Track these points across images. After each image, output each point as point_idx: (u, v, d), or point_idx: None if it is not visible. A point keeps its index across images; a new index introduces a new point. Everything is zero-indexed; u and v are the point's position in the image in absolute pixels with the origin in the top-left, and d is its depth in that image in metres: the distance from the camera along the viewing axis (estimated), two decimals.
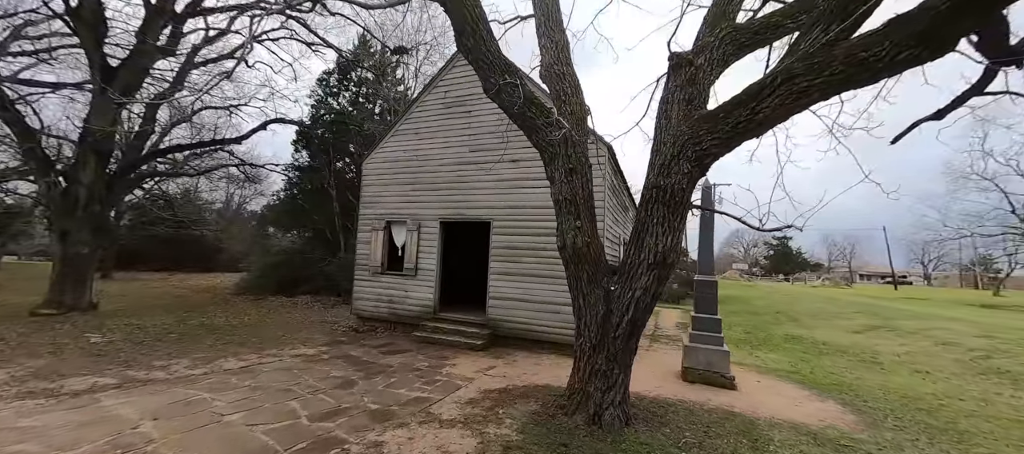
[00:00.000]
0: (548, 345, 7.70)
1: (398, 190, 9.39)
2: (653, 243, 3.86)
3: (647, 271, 3.94)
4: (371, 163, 9.86)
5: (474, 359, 6.97)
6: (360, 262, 9.64)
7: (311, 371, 5.81)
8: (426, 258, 8.91)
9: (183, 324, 9.24)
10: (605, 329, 4.24)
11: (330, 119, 17.72)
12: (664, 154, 3.81)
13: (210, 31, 12.28)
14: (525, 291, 7.90)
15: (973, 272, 61.43)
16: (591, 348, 4.32)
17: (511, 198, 8.23)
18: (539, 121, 4.27)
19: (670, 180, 3.72)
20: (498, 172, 8.39)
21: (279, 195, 21.49)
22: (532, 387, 5.52)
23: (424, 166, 9.17)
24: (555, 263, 7.55)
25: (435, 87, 9.29)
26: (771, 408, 5.32)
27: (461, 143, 8.85)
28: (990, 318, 15.96)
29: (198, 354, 6.59)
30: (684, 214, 3.86)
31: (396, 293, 9.11)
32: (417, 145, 9.31)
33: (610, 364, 4.25)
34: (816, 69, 2.81)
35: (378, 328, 9.23)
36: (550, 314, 7.64)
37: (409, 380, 5.61)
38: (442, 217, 8.86)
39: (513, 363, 6.84)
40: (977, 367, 8.30)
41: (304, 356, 6.74)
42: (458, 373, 6.08)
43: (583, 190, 4.27)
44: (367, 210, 9.72)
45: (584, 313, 4.35)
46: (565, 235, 4.26)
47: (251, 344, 7.52)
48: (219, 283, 20.52)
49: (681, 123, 3.79)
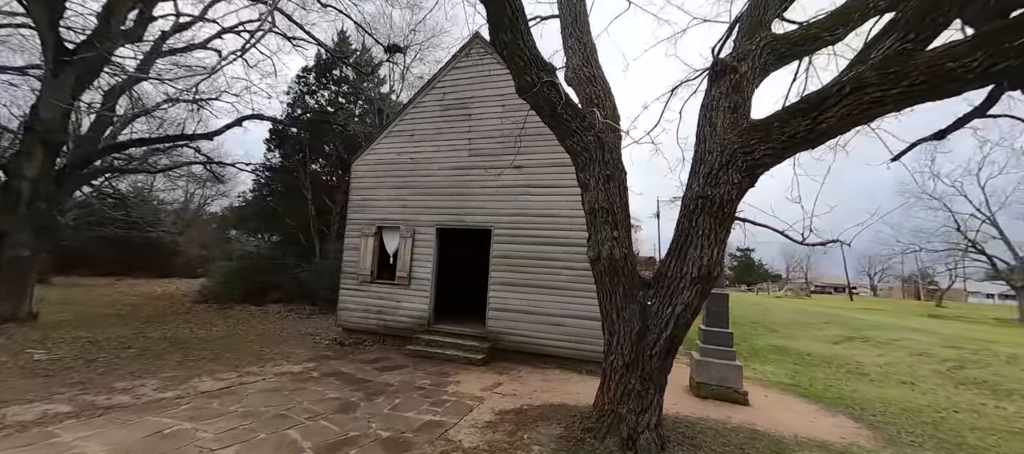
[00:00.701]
0: (552, 359, 7.39)
1: (391, 194, 8.88)
2: (698, 256, 3.66)
3: (690, 285, 3.73)
4: (361, 165, 9.30)
5: (478, 375, 6.56)
6: (347, 270, 9.02)
7: (303, 392, 5.23)
8: (421, 266, 8.43)
9: (142, 337, 8.29)
10: (640, 347, 3.99)
11: (308, 118, 16.82)
12: (710, 163, 3.64)
13: (181, 17, 11.35)
14: (528, 303, 7.58)
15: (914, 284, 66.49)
16: (624, 367, 4.06)
17: (514, 205, 7.92)
18: (573, 123, 4.01)
19: (718, 190, 3.54)
20: (500, 178, 8.08)
21: (246, 196, 20.21)
22: (548, 407, 5.19)
23: (420, 170, 8.72)
24: (560, 274, 7.31)
25: (433, 88, 8.90)
26: (789, 425, 5.23)
27: (460, 147, 8.47)
28: (946, 328, 17.03)
29: (167, 373, 5.84)
30: (730, 226, 3.69)
31: (387, 303, 8.56)
32: (413, 148, 8.86)
33: (645, 384, 4.00)
34: (893, 79, 2.70)
35: (366, 341, 8.63)
36: (554, 327, 7.35)
37: (415, 401, 5.15)
38: (439, 223, 8.43)
39: (519, 379, 6.49)
40: (955, 378, 8.67)
41: (290, 374, 6.11)
42: (465, 392, 5.66)
43: (620, 198, 4.04)
44: (356, 214, 9.14)
45: (617, 329, 4.08)
46: (600, 246, 4.00)
47: (226, 360, 6.78)
48: (176, 290, 18.94)
49: (728, 132, 3.63)
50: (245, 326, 10.39)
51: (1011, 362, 9.54)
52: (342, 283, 9.01)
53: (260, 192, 19.41)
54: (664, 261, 3.93)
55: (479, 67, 8.54)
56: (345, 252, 9.15)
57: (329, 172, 19.67)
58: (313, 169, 18.64)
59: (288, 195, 18.05)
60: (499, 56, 4.05)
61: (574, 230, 7.46)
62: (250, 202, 19.79)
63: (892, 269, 68.51)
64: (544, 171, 7.76)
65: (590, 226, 4.13)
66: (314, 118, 16.54)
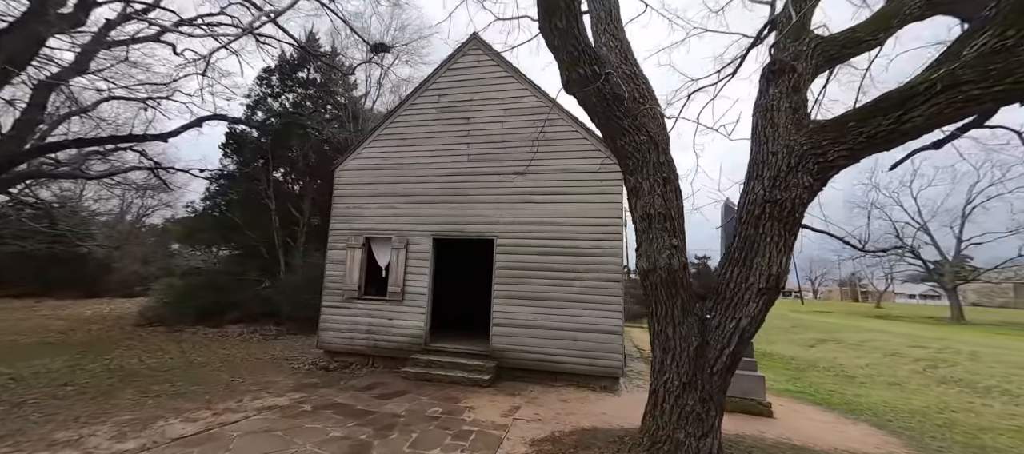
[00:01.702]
0: (563, 377, 6.97)
1: (381, 202, 8.18)
2: (766, 264, 3.41)
3: (756, 297, 3.46)
4: (346, 170, 8.53)
5: (489, 398, 6.01)
6: (330, 285, 8.17)
7: (300, 432, 4.47)
8: (415, 280, 7.77)
9: (81, 370, 7.02)
10: (698, 365, 3.67)
11: (280, 121, 15.59)
12: (775, 166, 3.41)
13: (131, 4, 10.10)
14: (536, 317, 7.13)
15: (851, 286, 72.46)
16: (681, 387, 3.72)
17: (518, 213, 7.49)
18: (626, 122, 3.68)
19: (788, 194, 3.32)
20: (502, 185, 7.64)
21: (194, 207, 18.33)
22: (582, 432, 4.75)
23: (414, 176, 8.10)
24: (571, 285, 6.96)
25: (427, 89, 8.35)
26: (822, 437, 5.10)
27: (458, 152, 7.96)
28: (898, 327, 18.30)
29: (122, 415, 4.84)
30: (797, 232, 3.48)
31: (378, 322, 7.79)
32: (405, 152, 8.23)
33: (706, 405, 3.67)
34: (994, 76, 2.58)
35: (353, 364, 7.80)
36: (566, 342, 6.94)
37: (434, 435, 4.53)
38: (435, 233, 7.83)
39: (536, 401, 6.00)
40: (933, 376, 9.11)
41: (277, 409, 5.27)
42: (484, 419, 5.11)
43: (677, 202, 3.73)
44: (341, 224, 8.33)
45: (673, 346, 3.74)
46: (657, 256, 3.66)
47: (193, 395, 5.80)
48: (110, 311, 16.78)
49: (793, 133, 3.43)
50: (204, 352, 9.17)
51: (974, 359, 10.21)
52: (325, 300, 8.14)
53: (214, 201, 17.74)
54: (723, 271, 3.65)
55: (478, 69, 8.12)
56: (328, 266, 8.30)
57: (294, 180, 18.36)
58: (275, 177, 17.31)
59: (247, 205, 16.60)
60: (548, 46, 3.66)
61: (583, 239, 7.15)
62: (201, 213, 18.01)
63: (830, 273, 74.96)
64: (550, 178, 7.41)
65: (642, 234, 3.78)
66: (286, 121, 15.29)
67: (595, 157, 7.24)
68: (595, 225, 7.14)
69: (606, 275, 6.98)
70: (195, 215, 18.26)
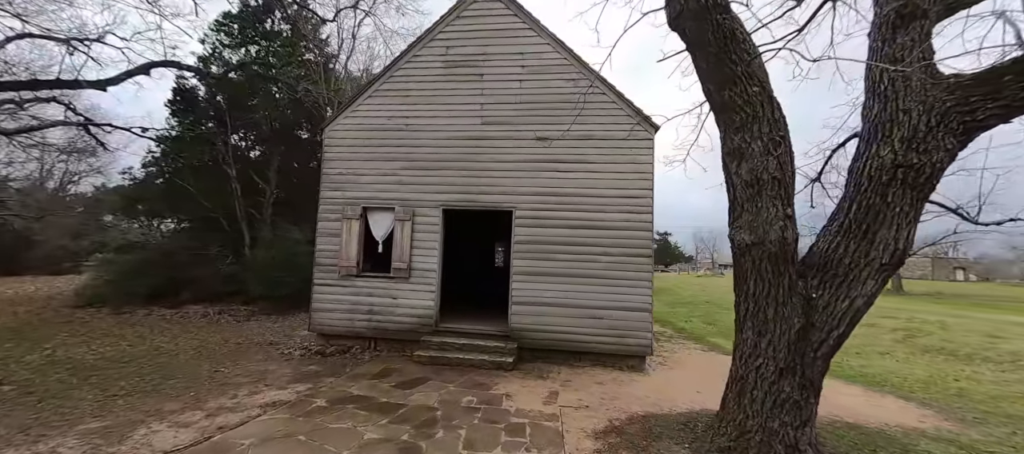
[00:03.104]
0: (588, 357, 6.57)
1: (381, 168, 7.23)
2: (892, 236, 3.04)
3: (877, 273, 3.10)
4: (337, 130, 7.45)
5: (520, 383, 5.50)
6: (323, 261, 7.22)
7: (327, 434, 3.74)
8: (424, 256, 7.00)
9: (15, 363, 5.78)
10: (800, 347, 3.30)
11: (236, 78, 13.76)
12: (909, 126, 3.00)
13: None
14: (559, 295, 6.63)
15: None
16: (777, 372, 3.35)
17: (540, 182, 6.85)
18: (739, 68, 3.12)
19: (928, 157, 2.93)
20: (520, 151, 6.94)
21: (132, 173, 16.08)
22: (641, 420, 4.35)
23: (419, 139, 7.19)
24: (597, 261, 6.50)
25: (432, 40, 7.35)
26: (864, 411, 5.05)
27: (471, 113, 7.12)
28: None
29: (87, 423, 3.88)
30: (926, 201, 3.12)
31: (380, 301, 6.99)
32: (408, 112, 7.27)
33: (805, 392, 3.34)
34: None
35: (354, 348, 7.00)
36: (592, 320, 6.51)
37: (484, 431, 3.95)
38: (445, 203, 7.04)
39: (570, 384, 5.56)
40: (915, 346, 9.62)
41: (283, 405, 4.48)
42: (528, 408, 4.59)
43: (792, 166, 3.26)
44: (333, 192, 7.32)
45: (771, 328, 3.35)
46: (766, 227, 3.19)
47: (172, 391, 4.85)
48: (37, 291, 14.65)
49: (931, 87, 3.02)
50: (169, 337, 7.98)
51: (944, 328, 10.94)
52: (317, 278, 7.20)
53: (159, 167, 15.67)
54: (833, 244, 3.26)
55: (492, 18, 7.21)
56: (319, 239, 7.32)
57: (256, 145, 16.56)
58: (234, 141, 15.49)
59: (201, 172, 14.80)
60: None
61: (611, 211, 6.66)
62: (143, 180, 15.87)
63: None
64: (574, 145, 6.79)
65: (747, 202, 3.29)
66: (251, 74, 13.46)
67: (624, 123, 6.69)
68: (624, 196, 6.66)
69: (635, 249, 6.57)
70: (135, 183, 16.05)
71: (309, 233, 11.13)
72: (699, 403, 5.02)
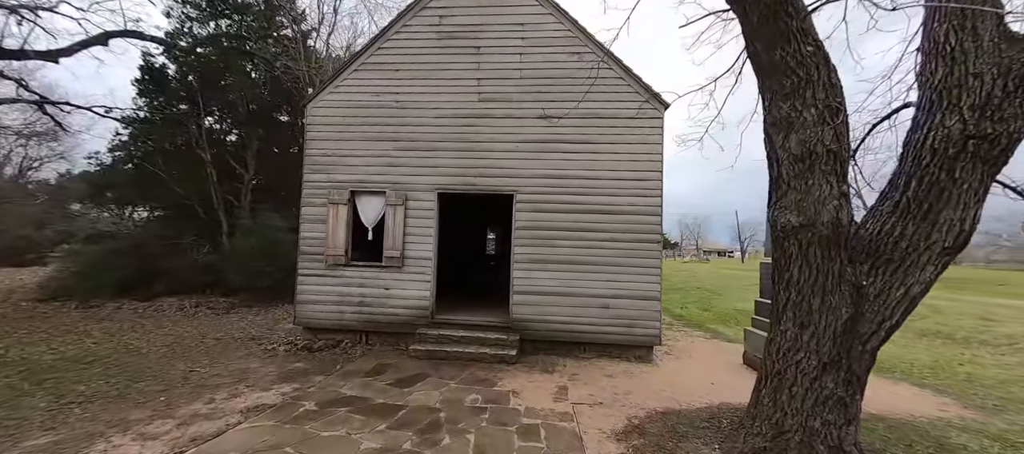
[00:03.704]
0: (594, 348, 6.26)
1: (370, 148, 6.68)
2: (958, 217, 2.72)
3: (938, 257, 2.80)
4: (320, 107, 6.85)
5: (526, 378, 5.14)
6: (308, 249, 6.68)
7: (318, 445, 3.30)
8: (418, 243, 6.53)
9: None
10: (846, 340, 3.00)
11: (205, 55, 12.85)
12: (980, 91, 2.66)
13: None
14: (564, 283, 6.26)
15: None
16: (820, 367, 3.05)
17: (542, 164, 6.42)
18: (794, 23, 2.71)
19: (1004, 127, 2.59)
20: (521, 130, 6.49)
21: (99, 158, 14.97)
22: (661, 417, 4.04)
23: (411, 116, 6.65)
24: (603, 247, 6.15)
25: (423, 9, 6.75)
26: (884, 401, 4.87)
27: (468, 89, 6.60)
28: None
29: (35, 437, 3.36)
30: (995, 177, 2.80)
31: (371, 292, 6.52)
32: (399, 87, 6.71)
33: (850, 388, 3.05)
34: None
35: (343, 342, 6.53)
36: (598, 310, 6.18)
37: (496, 435, 3.57)
38: (441, 187, 6.55)
39: (579, 379, 5.23)
40: (911, 329, 9.60)
41: (267, 409, 4.01)
42: (538, 406, 4.23)
43: (848, 139, 2.89)
44: (318, 175, 6.74)
45: (815, 319, 3.03)
46: (819, 208, 2.84)
47: (139, 395, 4.33)
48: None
49: (1006, 48, 2.67)
50: (140, 333, 7.38)
51: (937, 312, 11.01)
52: (302, 268, 6.66)
53: (128, 152, 14.68)
54: (886, 226, 2.93)
55: None
56: (303, 226, 6.76)
57: (232, 129, 15.62)
58: (209, 124, 14.57)
59: (174, 156, 13.92)
60: None
61: (618, 195, 6.28)
62: (111, 166, 14.83)
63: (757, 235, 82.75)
64: (579, 124, 6.36)
65: (794, 179, 2.93)
66: (225, 49, 12.55)
67: (631, 101, 6.28)
68: (631, 178, 6.28)
69: (644, 234, 6.22)
70: (102, 168, 14.99)
71: (292, 220, 10.51)
72: (716, 396, 4.76)
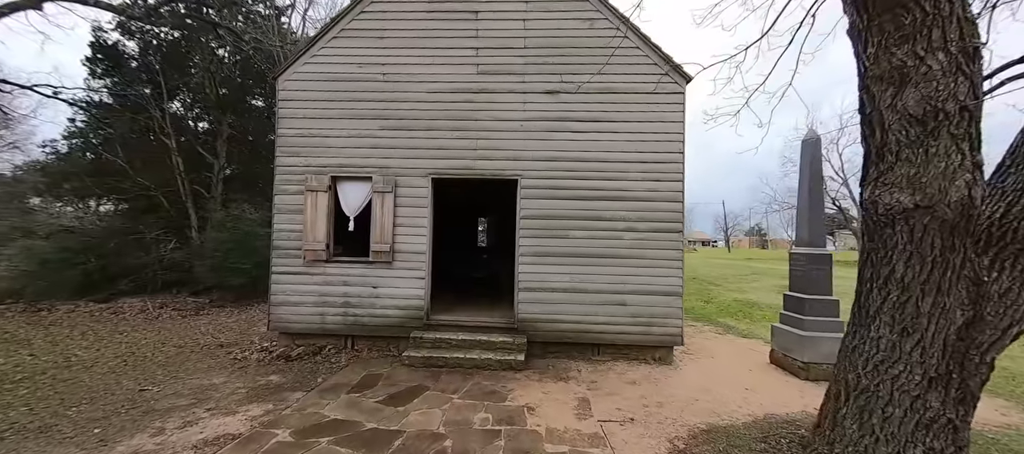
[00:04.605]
0: (608, 349, 5.64)
1: (353, 127, 5.86)
2: None
3: None
4: (294, 79, 5.97)
5: (539, 388, 4.48)
6: (282, 244, 5.85)
7: None
8: (409, 235, 5.77)
9: None
10: (959, 349, 2.41)
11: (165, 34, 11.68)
12: None
13: None
14: (575, 278, 5.61)
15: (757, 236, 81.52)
16: (926, 383, 2.45)
17: (550, 145, 5.71)
18: None
19: None
20: (526, 108, 5.76)
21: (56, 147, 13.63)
22: (707, 436, 3.43)
23: (400, 92, 5.85)
24: (621, 238, 5.53)
25: None
26: None
27: (463, 60, 5.82)
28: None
29: None
30: None
31: (357, 291, 5.75)
32: (385, 57, 5.88)
33: (961, 409, 2.47)
34: None
35: (326, 348, 5.76)
36: (614, 308, 5.55)
37: None
38: (435, 171, 5.79)
39: (598, 387, 4.59)
40: None
41: (231, 441, 3.25)
42: (561, 426, 3.58)
43: (977, 99, 2.26)
44: (292, 159, 5.89)
45: (923, 323, 2.42)
46: (945, 184, 2.20)
47: (69, 427, 3.51)
48: None
49: None
50: (89, 341, 6.45)
51: None
52: (276, 265, 5.84)
53: (85, 139, 13.45)
54: (1017, 206, 2.32)
55: None
56: (277, 217, 5.92)
57: (200, 115, 14.44)
58: (174, 108, 13.40)
59: (136, 144, 12.79)
60: None
61: (635, 180, 5.63)
62: (68, 154, 13.56)
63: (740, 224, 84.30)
64: (592, 99, 5.67)
65: (905, 147, 2.29)
66: (196, 22, 11.39)
67: (650, 74, 5.60)
68: (650, 161, 5.63)
69: (664, 224, 5.60)
70: (59, 158, 13.65)
71: (268, 212, 9.61)
72: (756, 405, 4.19)
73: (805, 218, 5.50)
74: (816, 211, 5.43)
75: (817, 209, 5.43)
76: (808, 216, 5.46)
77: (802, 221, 5.55)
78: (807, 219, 5.46)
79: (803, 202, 5.55)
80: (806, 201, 5.48)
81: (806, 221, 5.47)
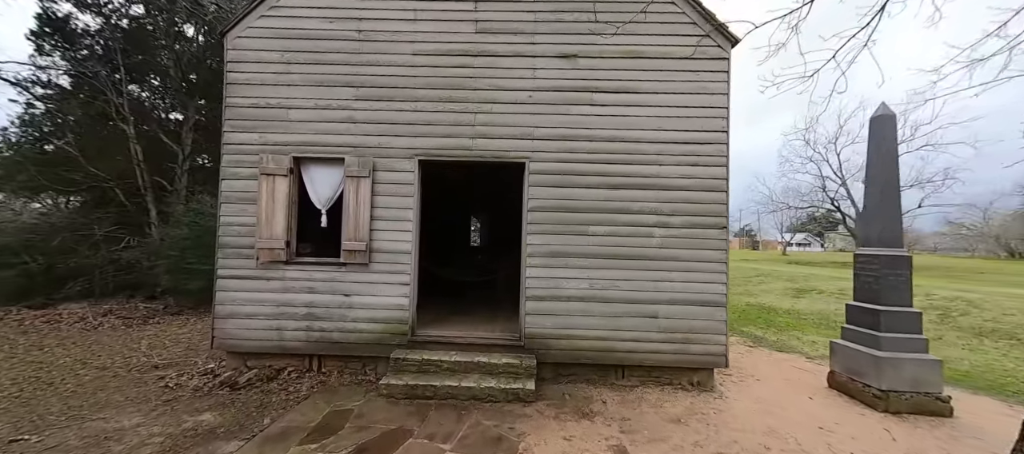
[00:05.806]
0: (636, 372, 4.59)
1: (321, 96, 4.72)
2: None
3: None
4: (247, 36, 4.80)
5: (559, 429, 3.40)
6: (230, 241, 4.69)
7: None
8: (391, 231, 4.66)
9: None
10: None
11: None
12: None
13: None
14: (596, 285, 4.55)
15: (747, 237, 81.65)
16: None
17: (566, 121, 4.65)
18: None
19: None
20: (535, 76, 4.69)
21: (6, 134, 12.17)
22: None
23: (380, 54, 4.73)
24: (651, 235, 4.51)
25: None
26: None
27: (458, 16, 4.73)
28: (829, 272, 18.96)
29: None
30: None
31: (325, 299, 4.61)
32: (361, 10, 4.75)
33: None
34: None
35: (284, 370, 4.61)
36: (642, 320, 4.51)
37: None
38: (423, 152, 4.69)
39: (633, 427, 3.53)
40: (962, 327, 8.48)
41: None
42: None
43: None
44: (242, 134, 4.73)
45: None
46: None
47: None
48: None
49: None
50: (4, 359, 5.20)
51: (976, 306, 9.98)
52: (223, 267, 4.67)
53: (36, 127, 12.03)
54: None
55: None
56: (223, 206, 4.76)
57: (164, 99, 13.08)
58: (133, 91, 12.08)
59: (90, 131, 11.48)
60: None
61: (670, 164, 4.60)
62: (18, 144, 12.11)
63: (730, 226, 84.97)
64: (616, 65, 4.63)
65: None
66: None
67: (688, 35, 4.58)
68: (687, 142, 4.60)
69: (704, 218, 4.58)
70: (11, 147, 12.17)
71: None
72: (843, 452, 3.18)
73: (876, 212, 4.51)
74: (890, 203, 4.44)
75: (891, 201, 4.45)
76: (879, 209, 4.48)
77: (872, 216, 4.56)
78: (879, 213, 4.48)
79: (874, 194, 4.56)
80: (878, 192, 4.49)
81: (878, 216, 4.48)
